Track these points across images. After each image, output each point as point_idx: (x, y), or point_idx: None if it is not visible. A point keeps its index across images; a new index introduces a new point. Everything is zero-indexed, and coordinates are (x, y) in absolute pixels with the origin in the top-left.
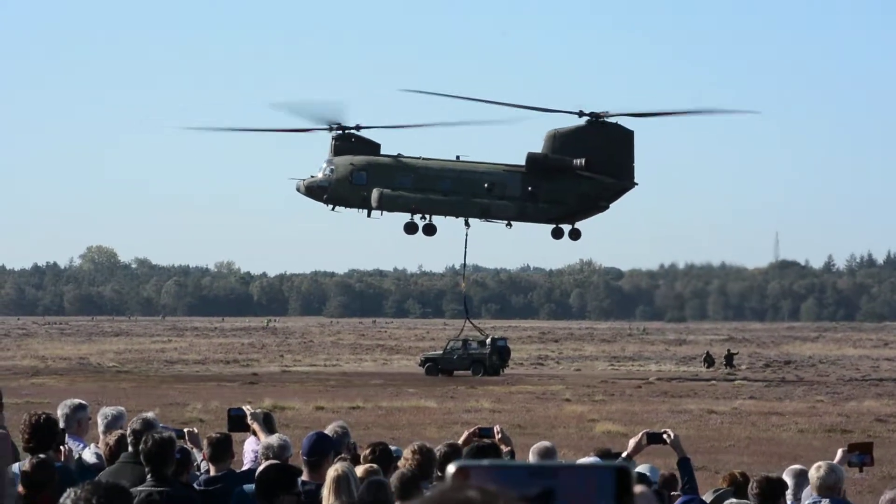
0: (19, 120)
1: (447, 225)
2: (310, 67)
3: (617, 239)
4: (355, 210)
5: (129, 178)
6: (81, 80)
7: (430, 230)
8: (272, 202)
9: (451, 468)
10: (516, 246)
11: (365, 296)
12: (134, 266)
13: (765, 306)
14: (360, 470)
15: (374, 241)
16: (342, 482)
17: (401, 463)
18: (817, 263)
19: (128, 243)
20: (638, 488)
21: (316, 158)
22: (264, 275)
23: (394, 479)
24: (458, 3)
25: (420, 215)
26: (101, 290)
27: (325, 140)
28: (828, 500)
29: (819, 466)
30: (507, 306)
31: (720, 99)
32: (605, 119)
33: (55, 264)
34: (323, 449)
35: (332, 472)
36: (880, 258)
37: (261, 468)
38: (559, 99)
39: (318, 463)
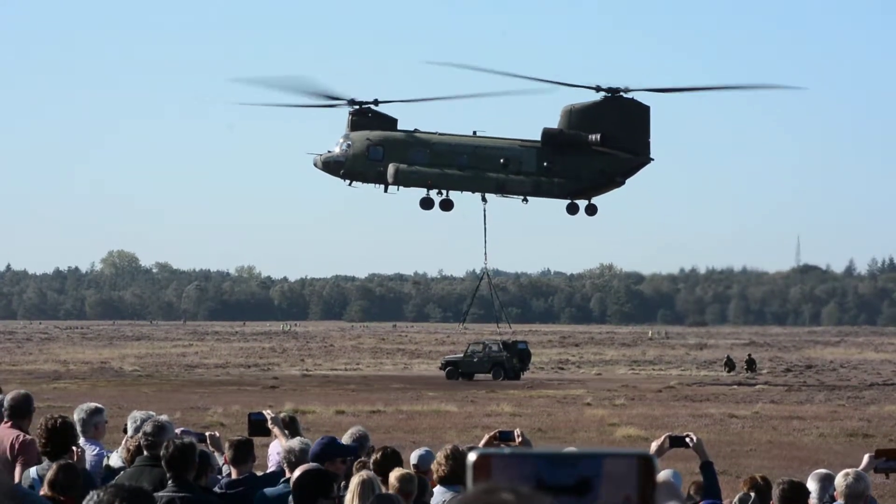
0: (40, 123)
1: (467, 224)
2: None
3: (637, 243)
4: (371, 185)
5: (150, 182)
6: (102, 82)
7: (447, 205)
8: (293, 207)
9: (471, 456)
10: (537, 250)
11: (385, 300)
12: (155, 270)
13: (786, 310)
14: (394, 475)
15: (394, 246)
16: (366, 488)
17: (433, 467)
18: (839, 268)
19: (149, 248)
20: (661, 476)
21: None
22: (285, 279)
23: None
24: None
25: (436, 191)
26: (122, 294)
27: (343, 117)
28: None
29: (847, 474)
30: (528, 310)
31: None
32: (622, 94)
33: (76, 269)
34: (328, 454)
35: (356, 478)
36: None
37: (297, 473)
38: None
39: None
